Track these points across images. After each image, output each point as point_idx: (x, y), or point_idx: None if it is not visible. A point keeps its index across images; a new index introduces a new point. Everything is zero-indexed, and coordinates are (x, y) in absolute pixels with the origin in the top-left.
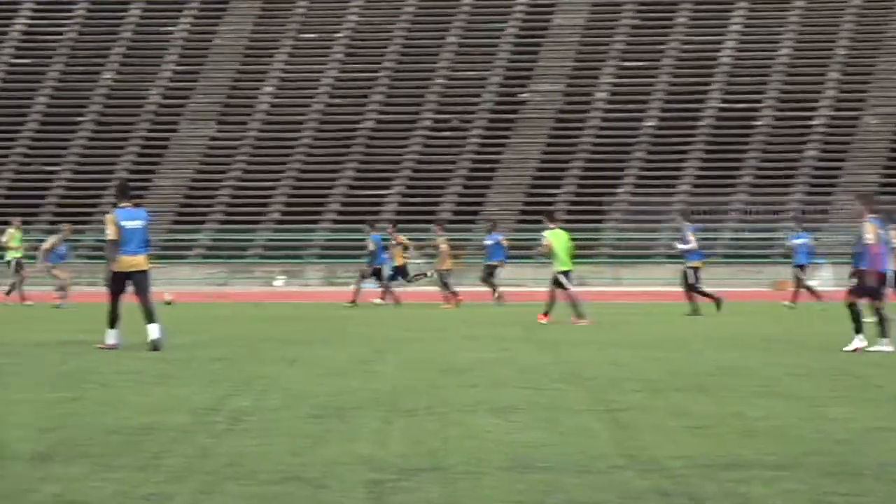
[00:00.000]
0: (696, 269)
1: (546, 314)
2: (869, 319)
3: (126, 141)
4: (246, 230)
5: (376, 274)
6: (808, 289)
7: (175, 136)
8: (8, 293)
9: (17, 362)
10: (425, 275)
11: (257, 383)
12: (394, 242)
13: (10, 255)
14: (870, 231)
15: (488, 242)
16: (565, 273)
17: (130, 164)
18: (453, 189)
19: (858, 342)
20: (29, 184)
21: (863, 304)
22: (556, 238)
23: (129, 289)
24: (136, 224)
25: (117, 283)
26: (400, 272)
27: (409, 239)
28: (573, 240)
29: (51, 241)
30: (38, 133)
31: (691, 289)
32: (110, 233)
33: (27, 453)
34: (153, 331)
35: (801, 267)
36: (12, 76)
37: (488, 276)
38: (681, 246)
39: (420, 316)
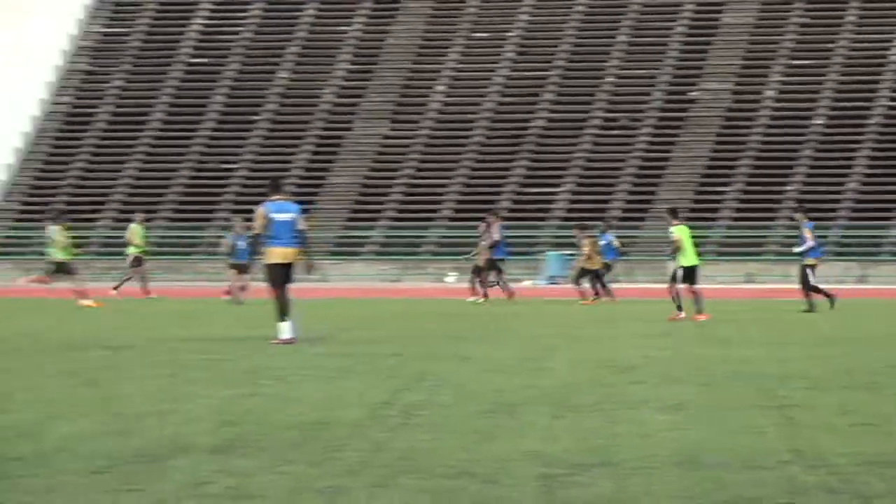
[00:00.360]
0: (812, 266)
1: (700, 312)
2: None
3: (301, 139)
4: (418, 227)
5: (493, 267)
6: None
7: (349, 134)
8: (116, 288)
9: (203, 357)
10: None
11: (429, 379)
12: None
13: (133, 251)
14: None
15: (602, 243)
16: (691, 269)
17: (305, 162)
18: (623, 187)
19: None
20: (206, 181)
21: None
22: (683, 233)
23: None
24: (287, 217)
25: (275, 274)
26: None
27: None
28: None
29: (229, 238)
30: (214, 131)
31: (807, 286)
32: (258, 226)
33: (206, 447)
34: (284, 328)
35: None
36: (190, 75)
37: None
38: (796, 249)
39: (569, 313)
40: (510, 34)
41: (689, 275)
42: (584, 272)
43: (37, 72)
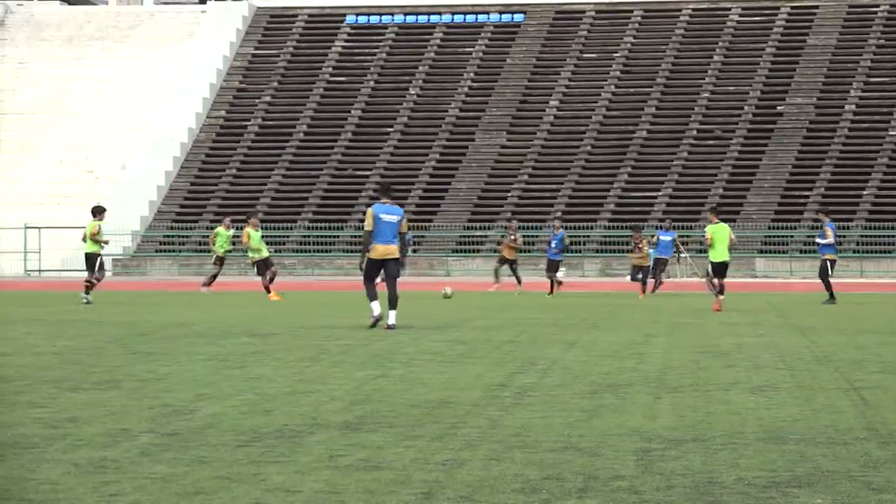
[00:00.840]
0: (832, 261)
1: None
2: None
3: (429, 149)
4: (533, 227)
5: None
6: None
7: (472, 144)
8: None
9: (339, 343)
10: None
11: (540, 363)
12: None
13: (253, 255)
14: None
15: (667, 238)
16: (719, 264)
17: (432, 169)
18: (716, 191)
19: None
20: (343, 187)
21: None
22: (718, 231)
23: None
24: (392, 218)
25: (371, 269)
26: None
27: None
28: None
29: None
30: (351, 142)
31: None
32: (367, 224)
33: (339, 423)
34: (391, 316)
35: None
36: (330, 92)
37: (660, 272)
38: (820, 240)
39: (658, 305)
40: (616, 54)
41: (717, 269)
42: (636, 269)
43: (196, 89)
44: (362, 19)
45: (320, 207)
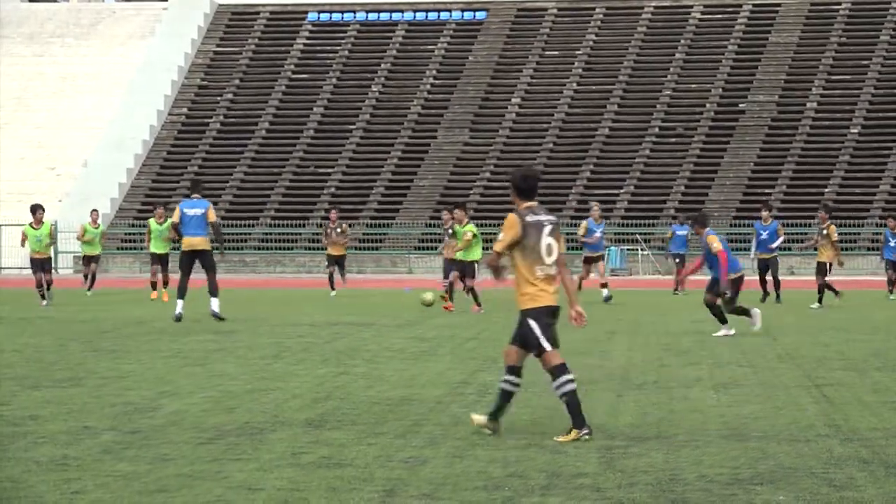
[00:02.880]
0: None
1: None
2: None
3: (391, 146)
4: (494, 223)
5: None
6: None
7: (434, 141)
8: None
9: (300, 340)
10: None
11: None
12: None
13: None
14: None
15: (681, 233)
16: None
17: (394, 166)
18: (678, 188)
19: None
20: (305, 184)
21: None
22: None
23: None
24: (197, 212)
25: (182, 260)
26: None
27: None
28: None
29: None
30: (313, 139)
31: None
32: (174, 218)
33: (302, 421)
34: (214, 304)
35: None
36: (292, 90)
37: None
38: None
39: (628, 302)
40: (578, 52)
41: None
42: None
43: (156, 86)
44: (324, 16)
45: (282, 205)
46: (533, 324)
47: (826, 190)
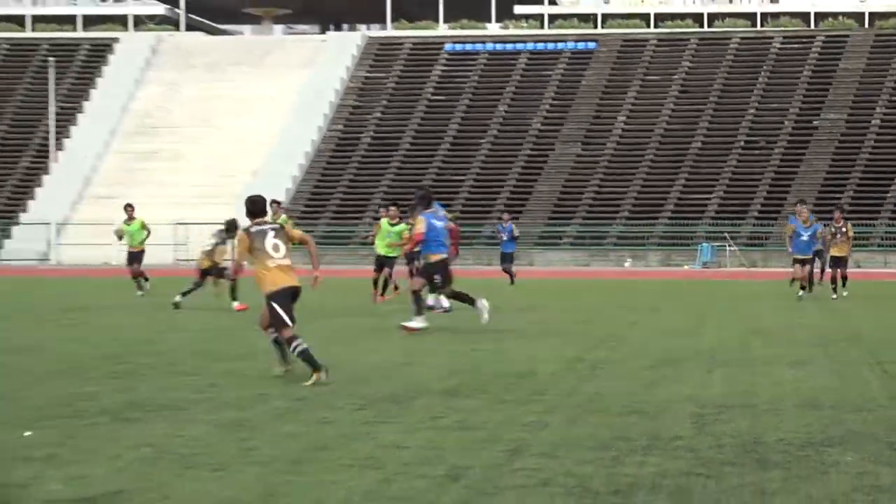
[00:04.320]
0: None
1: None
2: None
3: (515, 157)
4: (603, 223)
5: None
6: None
7: (551, 153)
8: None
9: (437, 324)
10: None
11: (610, 340)
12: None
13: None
14: None
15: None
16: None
17: (517, 175)
18: (760, 194)
19: None
20: (442, 190)
21: None
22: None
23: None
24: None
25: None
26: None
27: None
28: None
29: None
30: (449, 152)
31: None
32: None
33: (439, 389)
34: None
35: None
36: (431, 110)
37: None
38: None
39: (718, 291)
40: (675, 76)
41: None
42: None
43: (317, 107)
44: (459, 47)
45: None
46: None
47: (888, 195)
